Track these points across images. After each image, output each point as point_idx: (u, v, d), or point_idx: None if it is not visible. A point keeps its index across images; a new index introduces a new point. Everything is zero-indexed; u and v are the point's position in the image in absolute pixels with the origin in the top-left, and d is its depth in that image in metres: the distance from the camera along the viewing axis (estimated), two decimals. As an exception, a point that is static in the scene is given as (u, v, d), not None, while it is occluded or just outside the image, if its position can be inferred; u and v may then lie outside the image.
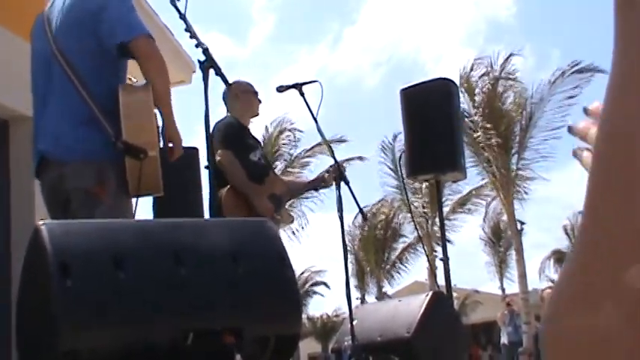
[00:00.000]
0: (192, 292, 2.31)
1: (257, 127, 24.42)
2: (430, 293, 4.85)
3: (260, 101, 5.47)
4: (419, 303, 4.68)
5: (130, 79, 3.69)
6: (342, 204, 5.00)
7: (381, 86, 57.72)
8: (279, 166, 24.35)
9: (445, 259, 6.34)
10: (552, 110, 21.60)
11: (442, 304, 4.85)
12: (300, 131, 23.87)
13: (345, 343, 4.74)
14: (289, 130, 24.49)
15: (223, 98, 5.40)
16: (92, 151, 3.40)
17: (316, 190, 5.56)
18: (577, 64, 21.11)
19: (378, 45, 59.39)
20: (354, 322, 4.63)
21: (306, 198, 23.32)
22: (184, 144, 3.78)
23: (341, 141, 24.48)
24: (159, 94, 3.49)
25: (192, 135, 11.78)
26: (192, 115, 5.45)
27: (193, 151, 6.00)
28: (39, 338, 2.18)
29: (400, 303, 4.99)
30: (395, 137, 25.50)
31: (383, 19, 58.64)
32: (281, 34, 63.96)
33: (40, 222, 2.26)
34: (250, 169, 5.09)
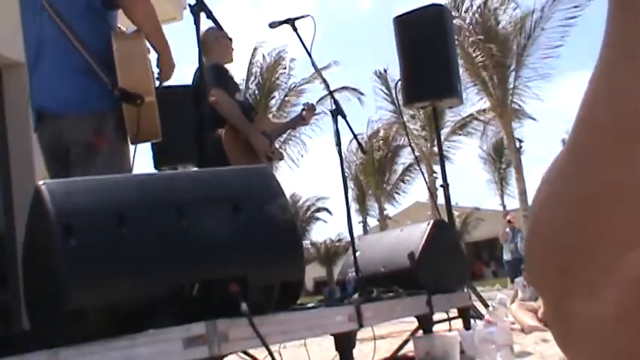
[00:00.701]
0: (195, 243, 2.33)
1: (257, 58, 24.29)
2: (431, 222, 4.88)
3: (233, 49, 5.54)
4: (420, 232, 4.72)
5: (119, 27, 3.66)
6: (339, 137, 5.00)
7: (375, 8, 56.85)
8: (277, 95, 24.25)
9: (445, 185, 6.38)
10: (552, 29, 21.38)
11: (443, 232, 4.89)
12: (294, 59, 23.71)
13: (349, 274, 4.80)
14: (288, 60, 24.33)
15: (201, 43, 5.39)
16: (89, 102, 3.39)
17: (294, 128, 5.67)
18: None
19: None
20: (357, 254, 4.69)
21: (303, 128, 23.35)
22: (175, 82, 3.80)
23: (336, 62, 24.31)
24: (151, 37, 3.48)
25: (183, 75, 11.68)
26: (184, 53, 5.44)
27: (185, 89, 5.98)
28: (46, 298, 2.22)
29: (402, 233, 5.03)
30: (385, 71, 25.39)
31: None
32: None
33: (41, 182, 2.27)
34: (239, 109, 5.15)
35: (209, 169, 2.84)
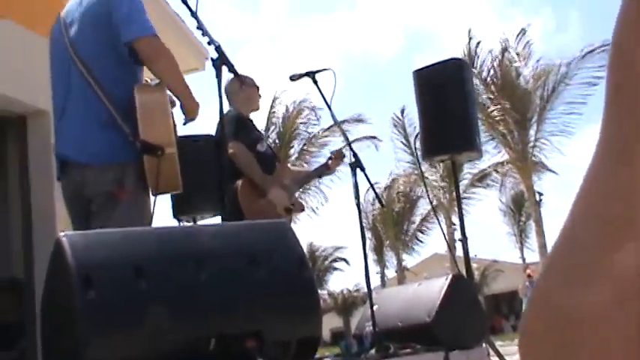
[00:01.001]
0: (213, 298, 2.34)
1: (277, 107, 24.46)
2: (449, 276, 4.86)
3: (260, 96, 5.53)
4: (439, 287, 4.69)
5: (146, 80, 3.71)
6: (358, 191, 5.01)
7: (397, 56, 57.20)
8: (296, 146, 24.34)
9: (464, 239, 6.35)
10: (576, 85, 21.33)
11: (462, 287, 4.86)
12: (320, 109, 23.72)
13: (366, 329, 4.77)
14: (310, 109, 24.38)
15: (226, 91, 5.42)
16: (112, 154, 3.43)
17: (320, 177, 5.65)
18: (607, 45, 20.90)
19: (394, 11, 58.56)
20: (375, 308, 4.66)
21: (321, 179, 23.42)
22: (197, 132, 3.81)
23: (358, 120, 24.37)
24: (173, 89, 3.52)
25: (206, 124, 11.74)
26: (206, 102, 5.47)
27: (207, 139, 6.03)
28: (64, 349, 2.22)
29: (420, 287, 5.00)
30: (402, 112, 25.44)
31: None
32: (294, 5, 63.40)
33: (62, 234, 2.30)
34: (259, 161, 5.13)
35: (228, 224, 2.85)
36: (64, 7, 5.89)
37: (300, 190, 5.99)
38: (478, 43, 21.94)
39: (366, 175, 5.02)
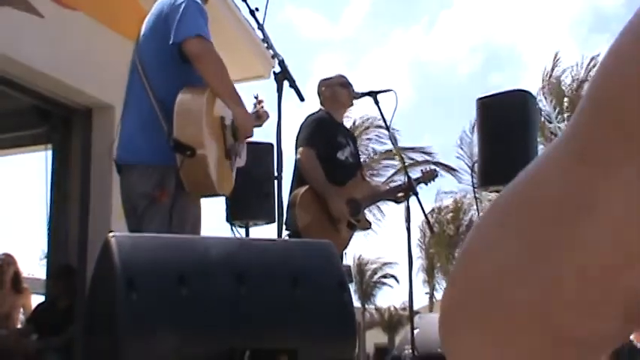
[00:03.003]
0: (251, 311, 2.37)
1: (345, 121, 24.30)
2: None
3: (351, 92, 5.32)
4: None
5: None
6: (409, 214, 5.01)
7: (473, 74, 56.56)
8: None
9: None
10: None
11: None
12: (395, 130, 23.42)
13: (405, 351, 4.76)
14: (378, 127, 24.13)
15: (317, 93, 5.37)
16: (154, 155, 3.47)
17: (388, 200, 5.52)
18: None
19: (474, 31, 57.95)
20: (416, 332, 4.65)
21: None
22: (258, 139, 3.82)
23: (425, 153, 23.98)
24: (219, 96, 3.53)
25: (267, 132, 11.75)
26: (268, 109, 5.46)
27: (268, 147, 6.06)
28: (103, 348, 2.28)
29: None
30: (472, 128, 25.18)
31: (480, 3, 56.95)
32: (376, 14, 63.28)
33: (110, 234, 2.35)
34: (335, 169, 5.00)
35: (272, 240, 2.88)
36: (137, 2, 6.02)
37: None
38: (564, 70, 21.66)
39: (418, 200, 5.01)
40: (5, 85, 6.31)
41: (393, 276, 35.84)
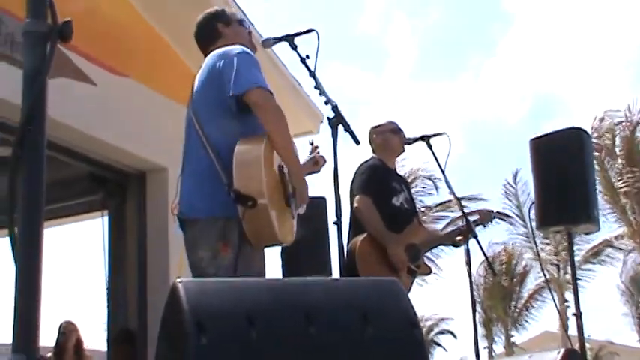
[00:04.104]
0: (322, 353, 2.32)
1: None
2: (562, 350, 4.69)
3: (403, 138, 5.35)
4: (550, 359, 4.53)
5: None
6: (470, 257, 4.93)
7: (522, 122, 56.07)
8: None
9: (578, 314, 6.11)
10: None
11: (575, 363, 4.67)
12: (438, 179, 23.18)
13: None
14: (426, 178, 23.96)
15: (369, 140, 5.40)
16: (215, 207, 3.49)
17: (445, 245, 5.47)
18: None
19: (520, 80, 57.53)
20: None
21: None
22: (312, 193, 3.82)
23: (477, 199, 23.74)
24: (276, 144, 3.53)
25: (319, 185, 11.82)
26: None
27: (321, 201, 6.06)
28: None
29: (531, 358, 4.84)
30: (515, 177, 24.91)
31: (527, 51, 56.53)
32: (419, 69, 63.54)
33: (177, 280, 2.35)
34: (391, 215, 5.00)
35: (340, 278, 2.85)
36: (185, 65, 6.11)
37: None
38: (618, 123, 21.49)
39: (479, 242, 4.94)
40: (62, 153, 6.44)
41: (450, 331, 35.14)
